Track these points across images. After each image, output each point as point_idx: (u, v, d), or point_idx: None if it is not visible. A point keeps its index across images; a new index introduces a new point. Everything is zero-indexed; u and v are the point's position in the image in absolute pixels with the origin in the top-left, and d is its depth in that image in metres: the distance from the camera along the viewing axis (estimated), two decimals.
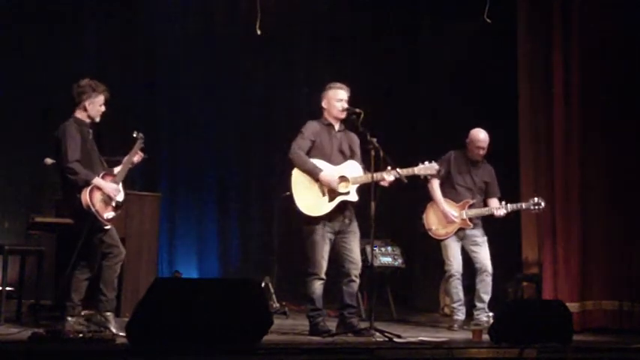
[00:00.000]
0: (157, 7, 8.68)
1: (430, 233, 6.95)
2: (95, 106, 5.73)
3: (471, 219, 6.81)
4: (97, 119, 5.79)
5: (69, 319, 5.55)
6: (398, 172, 5.75)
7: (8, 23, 7.93)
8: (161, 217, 7.05)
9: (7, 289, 6.36)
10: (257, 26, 7.92)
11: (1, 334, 5.34)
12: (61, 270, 5.87)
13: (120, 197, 5.73)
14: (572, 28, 7.00)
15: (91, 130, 5.80)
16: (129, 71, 8.50)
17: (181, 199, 8.63)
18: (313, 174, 5.78)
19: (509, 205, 6.82)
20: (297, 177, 5.84)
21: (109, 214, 5.64)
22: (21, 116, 7.86)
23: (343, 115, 5.96)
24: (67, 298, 5.65)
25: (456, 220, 6.81)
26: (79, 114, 5.74)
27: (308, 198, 5.80)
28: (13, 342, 4.96)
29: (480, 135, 6.91)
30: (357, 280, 5.90)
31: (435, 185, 6.90)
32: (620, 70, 6.85)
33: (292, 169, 5.87)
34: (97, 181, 5.58)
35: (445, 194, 6.91)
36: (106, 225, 5.61)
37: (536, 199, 6.75)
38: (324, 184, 5.77)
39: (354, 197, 5.84)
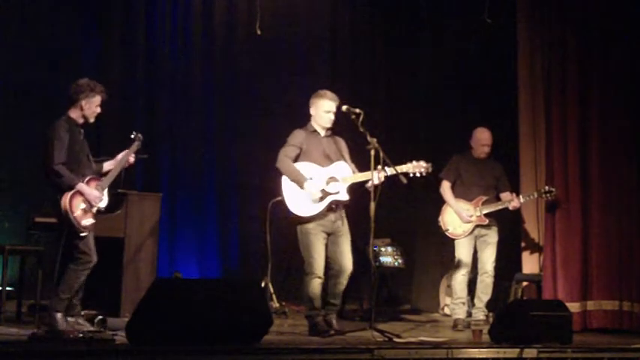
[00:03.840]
0: (157, 7, 8.67)
1: (448, 234, 6.99)
2: (91, 106, 5.66)
3: (486, 215, 6.84)
4: (91, 120, 5.72)
5: (58, 315, 5.45)
6: (387, 170, 5.78)
7: (8, 23, 7.92)
8: (161, 217, 7.03)
9: (7, 289, 6.36)
10: (257, 26, 7.93)
11: (1, 334, 5.34)
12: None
13: (102, 204, 5.64)
14: (571, 28, 7.01)
15: (82, 131, 5.72)
16: (129, 71, 8.50)
17: (181, 199, 8.61)
18: (298, 184, 5.86)
19: (521, 196, 6.90)
20: (287, 179, 5.93)
21: (87, 221, 5.53)
22: (21, 116, 7.85)
23: (330, 125, 6.03)
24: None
25: (471, 218, 6.84)
26: (74, 113, 5.66)
27: (299, 198, 5.87)
28: (13, 342, 4.96)
29: (484, 134, 7.01)
30: (345, 283, 5.96)
31: (446, 187, 6.96)
32: (619, 70, 6.85)
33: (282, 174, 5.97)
34: (81, 186, 5.49)
35: (458, 195, 6.96)
36: (82, 232, 5.49)
37: (547, 187, 6.83)
38: (308, 192, 5.83)
39: (344, 196, 5.91)
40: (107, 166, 5.87)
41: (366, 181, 5.81)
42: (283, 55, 8.99)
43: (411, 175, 5.91)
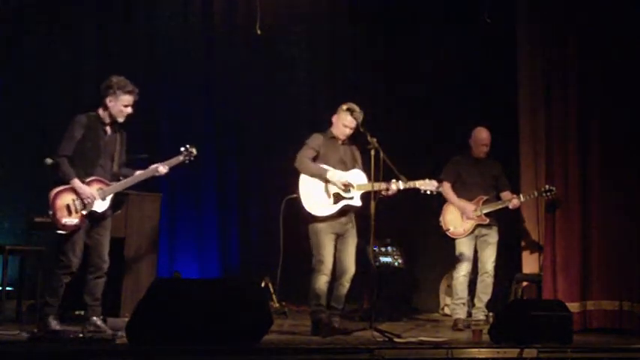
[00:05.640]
0: (157, 7, 8.66)
1: (448, 234, 7.01)
2: (117, 105, 5.59)
3: (487, 214, 6.85)
4: (120, 119, 5.64)
5: (50, 319, 5.40)
6: (401, 185, 5.95)
7: (8, 24, 7.92)
8: (161, 217, 7.03)
9: (7, 289, 6.36)
10: (257, 26, 7.93)
11: (1, 334, 5.34)
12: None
13: (98, 208, 5.50)
14: (571, 28, 7.01)
15: (108, 128, 5.64)
16: (129, 71, 8.44)
17: (181, 199, 8.61)
18: (321, 176, 5.98)
19: (521, 195, 6.94)
20: (304, 180, 6.05)
21: (70, 221, 5.39)
22: (21, 116, 7.85)
23: (343, 138, 6.15)
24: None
25: (472, 216, 6.85)
26: (101, 111, 5.61)
27: (313, 199, 6.00)
28: (13, 342, 4.96)
29: (483, 134, 7.04)
30: (347, 285, 6.06)
31: (447, 188, 6.97)
32: (620, 69, 6.85)
33: (299, 174, 6.05)
34: (74, 182, 5.40)
35: (458, 195, 6.99)
36: (60, 230, 5.38)
37: (547, 186, 6.85)
38: (332, 182, 5.96)
39: (357, 202, 6.05)
40: (137, 172, 5.79)
41: (378, 191, 5.91)
42: (283, 55, 8.99)
43: (422, 192, 6.07)
